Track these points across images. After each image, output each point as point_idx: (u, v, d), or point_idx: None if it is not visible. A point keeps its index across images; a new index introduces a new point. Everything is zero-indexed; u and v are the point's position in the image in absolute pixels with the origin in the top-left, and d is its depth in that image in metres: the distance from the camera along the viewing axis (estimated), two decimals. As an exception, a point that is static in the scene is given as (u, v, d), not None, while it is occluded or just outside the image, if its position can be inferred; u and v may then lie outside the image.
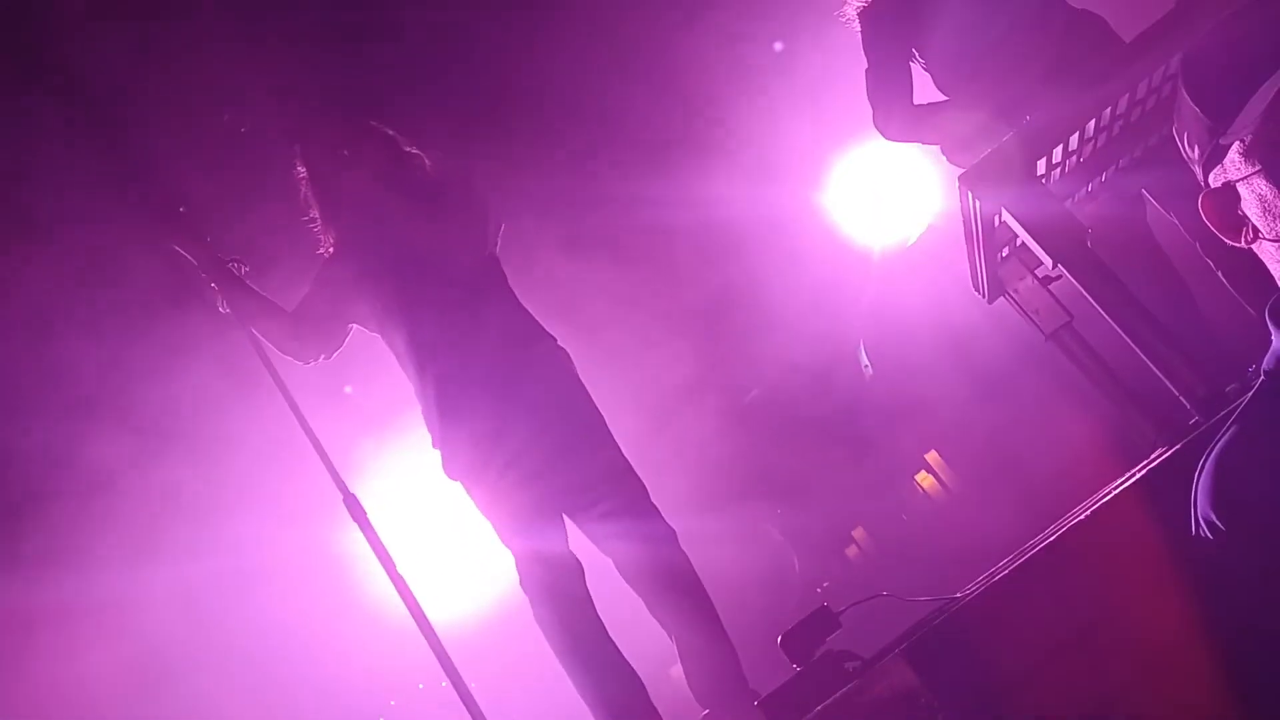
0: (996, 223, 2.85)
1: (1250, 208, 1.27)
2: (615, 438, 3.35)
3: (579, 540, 3.29)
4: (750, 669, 3.23)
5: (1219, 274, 3.09)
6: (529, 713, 4.46)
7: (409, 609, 2.97)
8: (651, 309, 6.16)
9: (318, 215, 3.42)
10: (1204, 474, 1.39)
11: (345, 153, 3.33)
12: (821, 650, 2.34)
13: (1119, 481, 2.31)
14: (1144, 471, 2.17)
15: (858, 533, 5.99)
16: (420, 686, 5.44)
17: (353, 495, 3.13)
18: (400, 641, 3.31)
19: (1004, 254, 3.16)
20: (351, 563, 5.06)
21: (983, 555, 3.18)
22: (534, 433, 3.19)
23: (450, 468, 3.28)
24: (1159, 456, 2.28)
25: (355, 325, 3.50)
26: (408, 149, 3.43)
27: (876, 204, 5.92)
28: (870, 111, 3.62)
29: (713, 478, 5.83)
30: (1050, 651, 1.90)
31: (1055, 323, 3.16)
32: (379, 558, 3.04)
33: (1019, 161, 2.63)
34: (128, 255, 4.60)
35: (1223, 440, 1.40)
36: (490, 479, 3.20)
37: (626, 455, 3.35)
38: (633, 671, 3.12)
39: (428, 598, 3.08)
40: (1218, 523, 1.33)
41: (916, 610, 2.62)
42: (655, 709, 3.09)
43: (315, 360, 3.48)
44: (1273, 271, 1.32)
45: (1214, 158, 1.28)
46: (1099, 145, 2.83)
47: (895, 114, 3.54)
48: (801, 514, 6.03)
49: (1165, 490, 2.03)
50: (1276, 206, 1.23)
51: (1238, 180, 1.26)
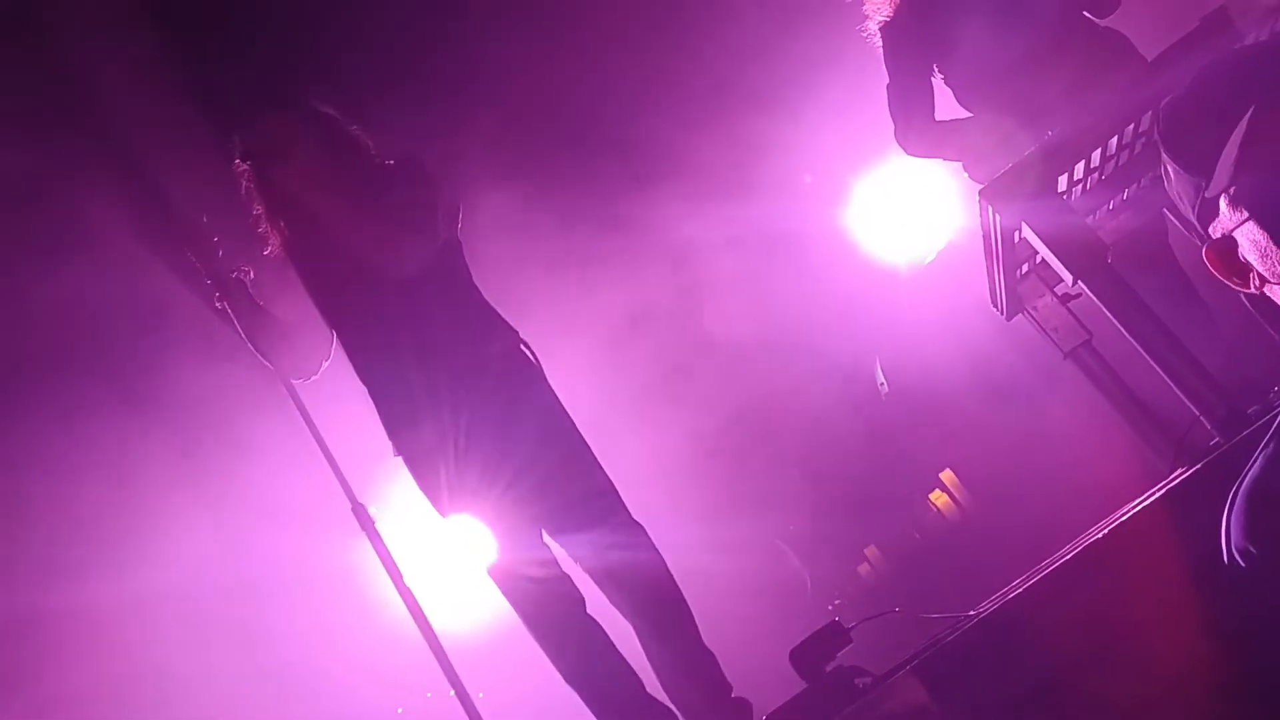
0: (1016, 238, 2.83)
1: (1249, 254, 1.29)
2: (581, 438, 3.19)
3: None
4: (759, 684, 3.20)
5: (1240, 295, 3.06)
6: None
7: (415, 618, 2.96)
8: (670, 326, 6.16)
9: (261, 213, 3.26)
10: (1236, 505, 1.37)
11: (280, 146, 3.16)
12: (832, 665, 2.32)
13: (1137, 501, 2.28)
14: (1163, 491, 2.14)
15: (870, 550, 5.95)
16: (429, 695, 5.42)
17: (361, 505, 3.11)
18: (409, 650, 3.28)
19: (1023, 270, 3.14)
20: (360, 572, 5.05)
21: (996, 574, 3.15)
22: (494, 444, 3.05)
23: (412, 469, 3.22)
24: (1179, 476, 2.25)
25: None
26: (351, 132, 3.26)
27: (896, 221, 5.90)
28: (891, 127, 3.61)
29: (726, 493, 5.81)
30: (1064, 671, 1.87)
31: (1074, 341, 3.14)
32: (386, 567, 3.03)
33: (1040, 177, 2.61)
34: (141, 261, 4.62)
35: (1254, 469, 1.38)
36: (443, 495, 3.12)
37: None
38: (630, 669, 3.07)
39: (434, 607, 3.06)
40: (1254, 551, 1.31)
41: (929, 628, 2.59)
42: (655, 700, 3.04)
43: (313, 374, 3.34)
44: None
45: (1205, 210, 1.30)
46: (1121, 162, 2.81)
47: (916, 129, 3.52)
48: (815, 531, 6.00)
49: (1184, 510, 2.00)
50: (1271, 250, 1.24)
51: (1233, 229, 1.27)
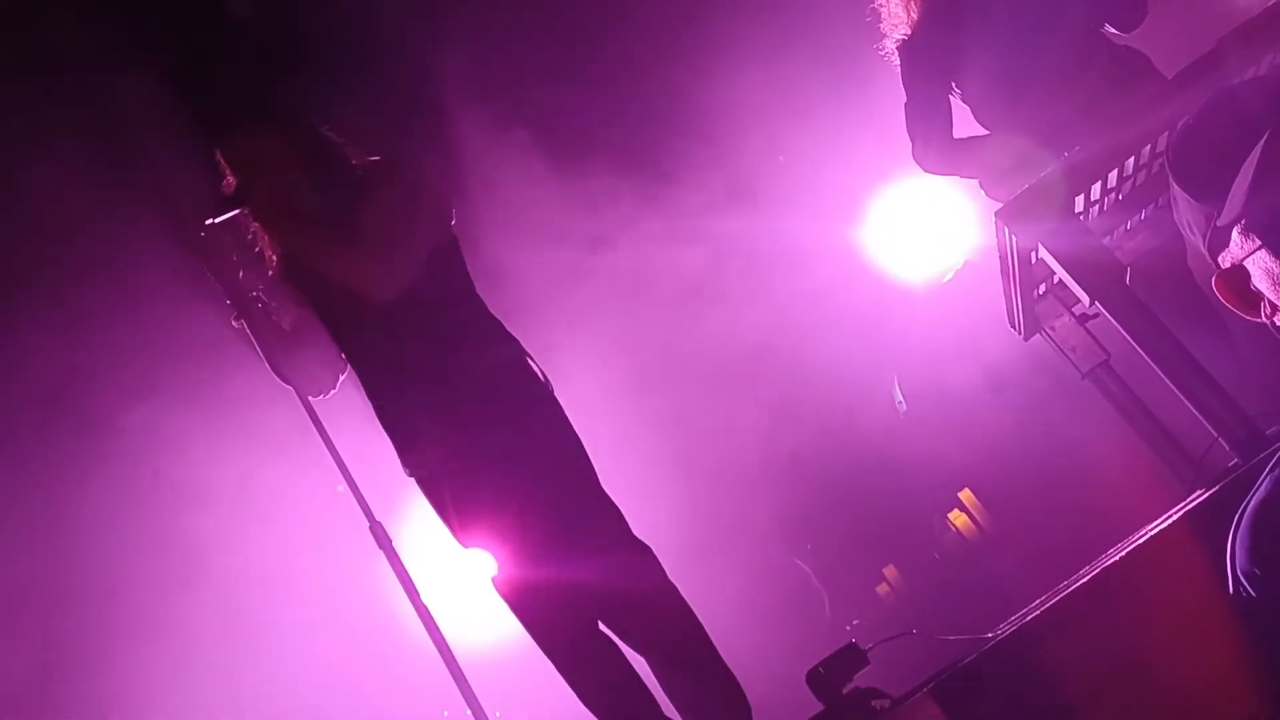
0: (1033, 259, 2.83)
1: (1261, 283, 1.29)
2: (588, 459, 3.14)
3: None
4: (776, 706, 3.18)
5: (1258, 320, 3.04)
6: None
7: (432, 637, 2.96)
8: (685, 344, 6.16)
9: (257, 229, 3.24)
10: (1241, 528, 1.37)
11: (250, 168, 3.11)
12: (849, 687, 2.31)
13: (1156, 523, 2.26)
14: (1182, 513, 2.13)
15: (889, 570, 5.93)
16: (445, 714, 5.41)
17: (379, 523, 3.12)
18: (426, 669, 3.28)
19: (1040, 291, 3.14)
20: (377, 590, 5.06)
21: (1016, 595, 3.13)
22: (504, 466, 3.01)
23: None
24: (1197, 498, 2.23)
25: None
26: (325, 141, 3.20)
27: (913, 239, 5.89)
28: (909, 145, 3.61)
29: (742, 512, 5.80)
30: (1083, 695, 1.86)
31: (1092, 361, 3.13)
32: (404, 586, 3.03)
33: (1057, 197, 2.61)
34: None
35: (1260, 493, 1.38)
36: (454, 520, 3.11)
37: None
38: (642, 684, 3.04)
39: (451, 626, 3.06)
40: (1259, 574, 1.31)
41: (947, 649, 2.58)
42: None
43: (330, 389, 3.33)
44: None
45: (1216, 240, 1.30)
46: (1138, 182, 2.81)
47: (934, 147, 3.52)
48: (832, 550, 5.98)
49: (1203, 532, 1.99)
50: None
51: (1243, 258, 1.27)
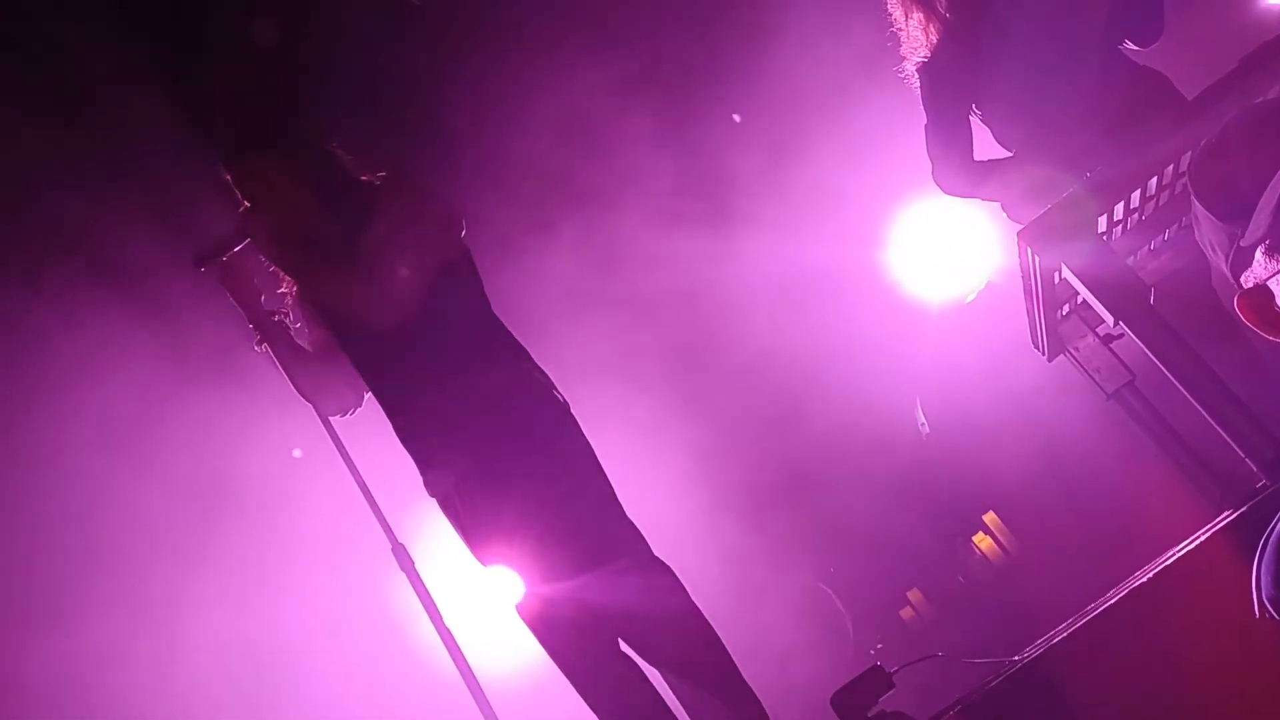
0: (1056, 279, 2.82)
1: None
2: (607, 479, 3.13)
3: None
4: (800, 729, 3.17)
5: (1281, 341, 3.02)
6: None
7: (454, 659, 2.95)
8: (704, 366, 6.16)
9: (265, 250, 3.22)
10: (1266, 554, 1.35)
11: (261, 182, 3.13)
12: (874, 711, 2.29)
13: (1183, 545, 2.24)
14: (1209, 534, 2.11)
15: (913, 594, 5.88)
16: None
17: (401, 545, 3.12)
18: (447, 691, 3.28)
19: (1064, 311, 3.12)
20: (399, 611, 5.06)
21: (1041, 619, 3.10)
22: (524, 487, 3.02)
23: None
24: (1225, 519, 2.21)
25: None
26: (328, 162, 3.21)
27: (935, 261, 5.88)
28: (929, 167, 3.61)
29: (765, 535, 5.78)
30: (1111, 717, 1.84)
31: (1117, 382, 3.12)
32: (426, 608, 3.03)
33: (1080, 217, 2.60)
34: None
35: None
36: (475, 540, 3.11)
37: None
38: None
39: (473, 647, 3.05)
40: None
41: (972, 674, 2.56)
42: None
43: (356, 407, 3.35)
44: None
45: (1240, 260, 1.28)
46: (1161, 202, 2.80)
47: (954, 169, 3.51)
48: (856, 574, 5.94)
49: (1232, 554, 1.97)
50: None
51: (1267, 279, 1.26)
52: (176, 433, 5.07)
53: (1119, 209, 2.68)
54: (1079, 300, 2.99)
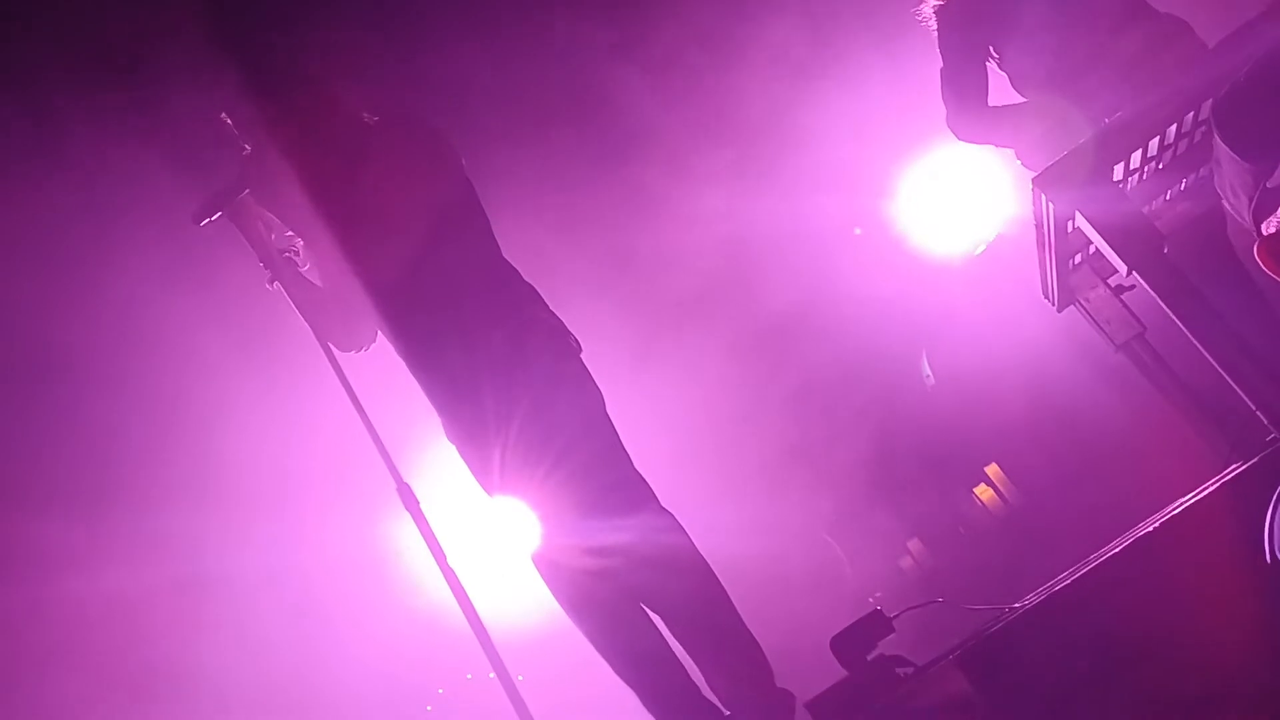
0: (1070, 228, 2.79)
1: None
2: (613, 426, 3.13)
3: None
4: (798, 673, 3.18)
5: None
6: (577, 708, 4.45)
7: (458, 599, 2.96)
8: (718, 319, 6.14)
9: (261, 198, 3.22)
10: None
11: (264, 127, 3.11)
12: (874, 654, 2.30)
13: (1189, 495, 2.23)
14: (1217, 485, 2.10)
15: (913, 544, 5.90)
16: (469, 676, 5.45)
17: (406, 485, 3.11)
18: (450, 631, 3.30)
19: (1076, 261, 3.09)
20: (404, 552, 5.09)
21: (1041, 571, 3.10)
22: (536, 428, 3.01)
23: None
24: (1234, 470, 2.20)
25: None
26: (331, 94, 3.19)
27: (946, 212, 5.83)
28: (943, 112, 3.57)
29: (767, 485, 5.79)
30: (1110, 665, 1.84)
31: (1127, 333, 3.09)
32: (430, 548, 3.02)
33: (1095, 165, 2.56)
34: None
35: None
36: (491, 476, 3.11)
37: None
38: (678, 661, 3.04)
39: (476, 589, 3.06)
40: None
41: (972, 620, 2.57)
42: (701, 695, 3.02)
43: (365, 346, 3.33)
44: None
45: (1263, 203, 1.25)
46: (1179, 151, 2.75)
47: (969, 114, 3.47)
48: (856, 522, 5.96)
49: (1238, 506, 1.96)
50: None
51: None
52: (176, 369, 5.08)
53: (1136, 157, 2.64)
54: (1091, 250, 2.96)
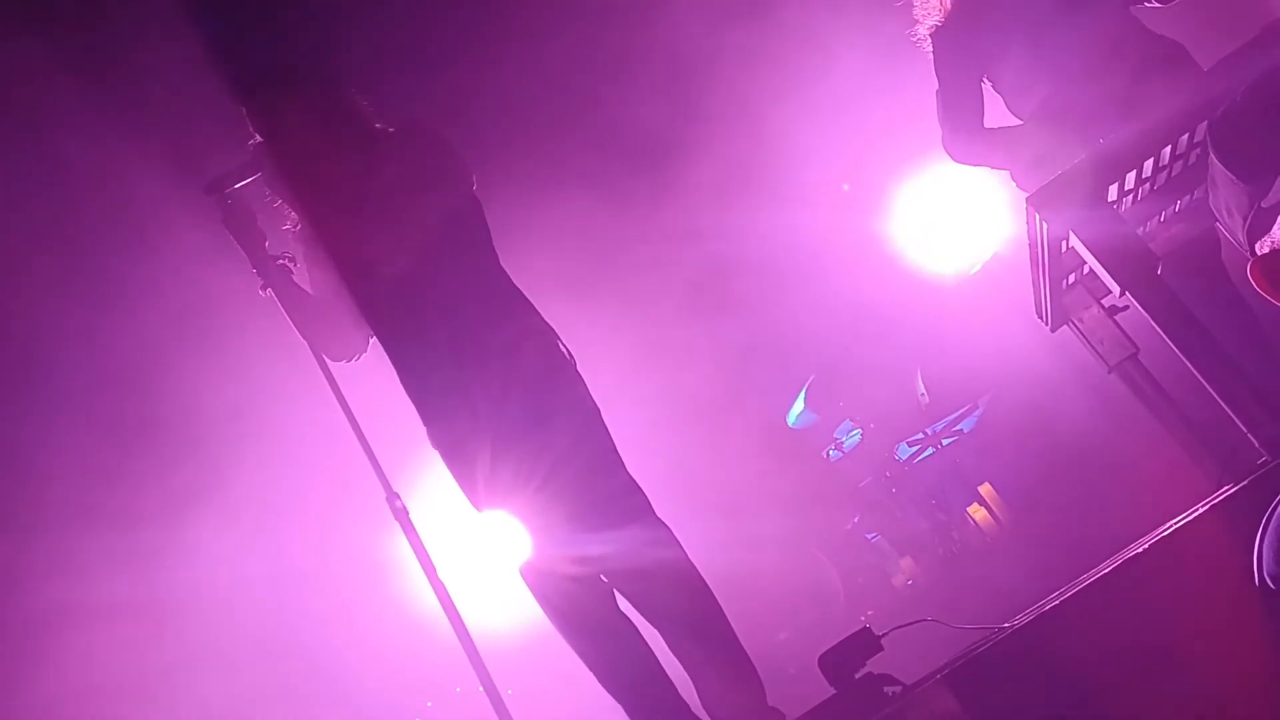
0: (1064, 248, 2.79)
1: None
2: (610, 437, 3.10)
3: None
4: (787, 691, 3.17)
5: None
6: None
7: (447, 613, 2.94)
8: (710, 336, 6.15)
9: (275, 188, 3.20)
10: (1270, 530, 1.33)
11: (276, 124, 3.11)
12: (862, 673, 2.29)
13: (1180, 517, 2.23)
14: (1207, 508, 2.10)
15: (905, 562, 5.90)
16: (458, 690, 5.43)
17: (397, 495, 3.10)
18: (440, 644, 3.28)
19: (1070, 280, 3.09)
20: (395, 565, 5.07)
21: (1032, 592, 3.10)
22: (527, 440, 2.99)
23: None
24: (1224, 493, 2.20)
25: None
26: (348, 103, 3.21)
27: (941, 231, 5.84)
28: (939, 134, 3.57)
29: (762, 501, 5.79)
30: (1098, 686, 1.83)
31: (1120, 354, 3.09)
32: (420, 561, 3.01)
33: (1090, 185, 2.57)
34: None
35: None
36: (477, 489, 3.10)
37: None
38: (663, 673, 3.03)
39: (466, 602, 3.05)
40: None
41: (962, 640, 2.56)
42: (691, 712, 3.01)
43: (357, 355, 3.32)
44: None
45: (1258, 223, 1.24)
46: (1174, 173, 2.76)
47: (964, 135, 3.47)
48: (849, 540, 5.96)
49: (1229, 528, 1.96)
50: None
51: None
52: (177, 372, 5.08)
53: (1130, 178, 2.65)
54: (1085, 270, 2.96)
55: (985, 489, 5.79)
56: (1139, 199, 2.80)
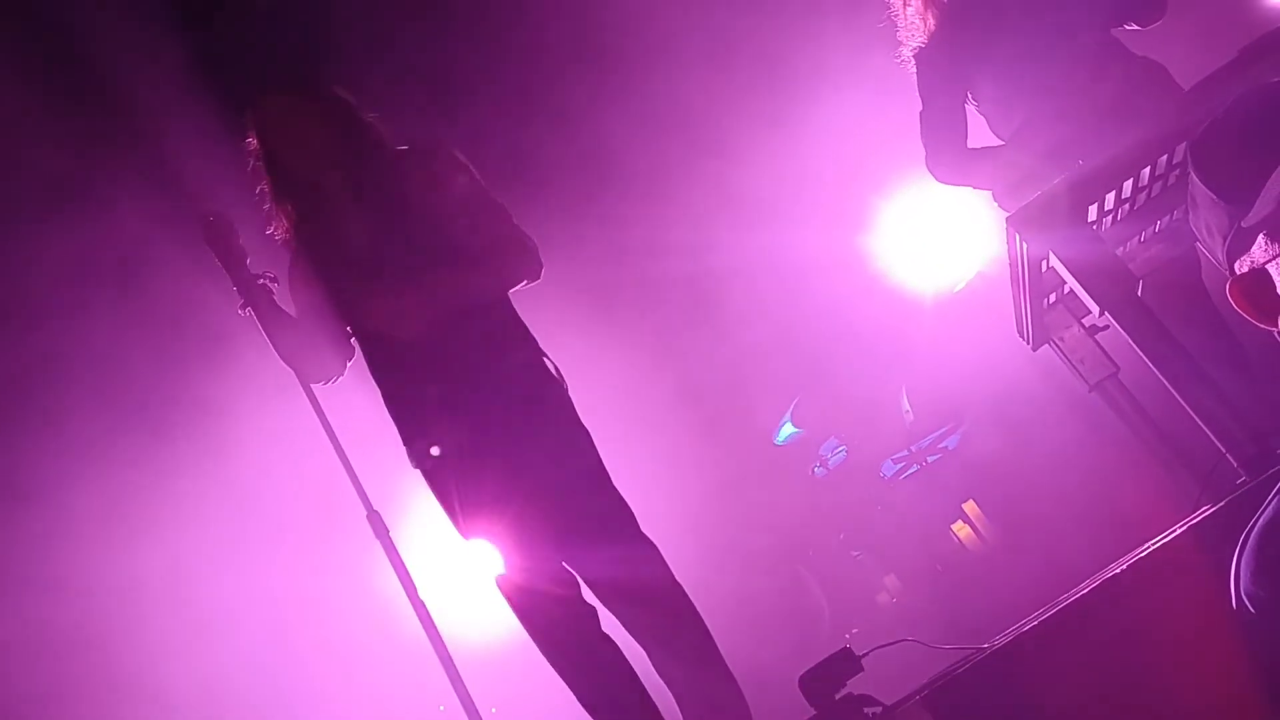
0: (1044, 267, 2.80)
1: None
2: (597, 455, 3.08)
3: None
4: (771, 710, 3.16)
5: (1275, 332, 3.00)
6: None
7: (426, 630, 2.93)
8: (695, 355, 6.15)
9: (267, 193, 3.20)
10: (1246, 549, 1.33)
11: (293, 127, 3.12)
12: (842, 693, 2.28)
13: (1159, 537, 2.23)
14: (1185, 528, 2.10)
15: (889, 580, 5.90)
16: (441, 709, 5.40)
17: (376, 512, 3.09)
18: (423, 662, 3.27)
19: (1051, 300, 3.10)
20: (373, 581, 5.04)
21: (1016, 608, 3.10)
22: (510, 459, 2.97)
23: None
24: (1202, 513, 2.20)
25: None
26: (366, 119, 3.20)
27: (925, 250, 5.86)
28: (922, 154, 3.58)
29: (746, 517, 5.78)
30: (1074, 707, 1.83)
31: (1101, 373, 3.10)
32: (399, 576, 3.00)
33: (1070, 206, 2.58)
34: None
35: (1267, 513, 1.34)
36: (459, 512, 3.08)
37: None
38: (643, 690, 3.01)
39: (447, 619, 3.04)
40: (1263, 596, 1.27)
41: (943, 659, 2.55)
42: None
43: (339, 375, 3.28)
44: None
45: (1238, 243, 1.23)
46: (1154, 193, 2.77)
47: (947, 156, 3.48)
48: (834, 558, 5.96)
49: (1207, 548, 1.96)
50: None
51: (1266, 262, 1.21)
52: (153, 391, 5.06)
53: (1110, 198, 2.66)
54: (1066, 289, 2.97)
55: (969, 506, 5.79)
56: (1119, 219, 2.81)
